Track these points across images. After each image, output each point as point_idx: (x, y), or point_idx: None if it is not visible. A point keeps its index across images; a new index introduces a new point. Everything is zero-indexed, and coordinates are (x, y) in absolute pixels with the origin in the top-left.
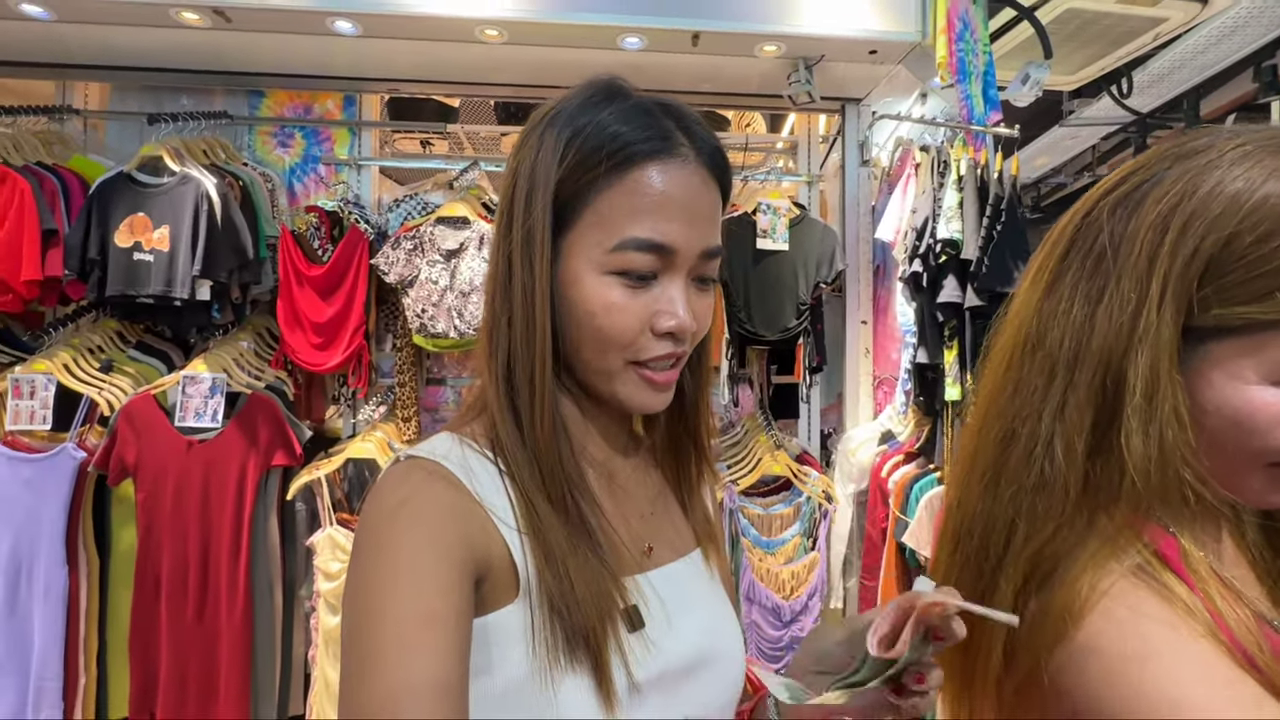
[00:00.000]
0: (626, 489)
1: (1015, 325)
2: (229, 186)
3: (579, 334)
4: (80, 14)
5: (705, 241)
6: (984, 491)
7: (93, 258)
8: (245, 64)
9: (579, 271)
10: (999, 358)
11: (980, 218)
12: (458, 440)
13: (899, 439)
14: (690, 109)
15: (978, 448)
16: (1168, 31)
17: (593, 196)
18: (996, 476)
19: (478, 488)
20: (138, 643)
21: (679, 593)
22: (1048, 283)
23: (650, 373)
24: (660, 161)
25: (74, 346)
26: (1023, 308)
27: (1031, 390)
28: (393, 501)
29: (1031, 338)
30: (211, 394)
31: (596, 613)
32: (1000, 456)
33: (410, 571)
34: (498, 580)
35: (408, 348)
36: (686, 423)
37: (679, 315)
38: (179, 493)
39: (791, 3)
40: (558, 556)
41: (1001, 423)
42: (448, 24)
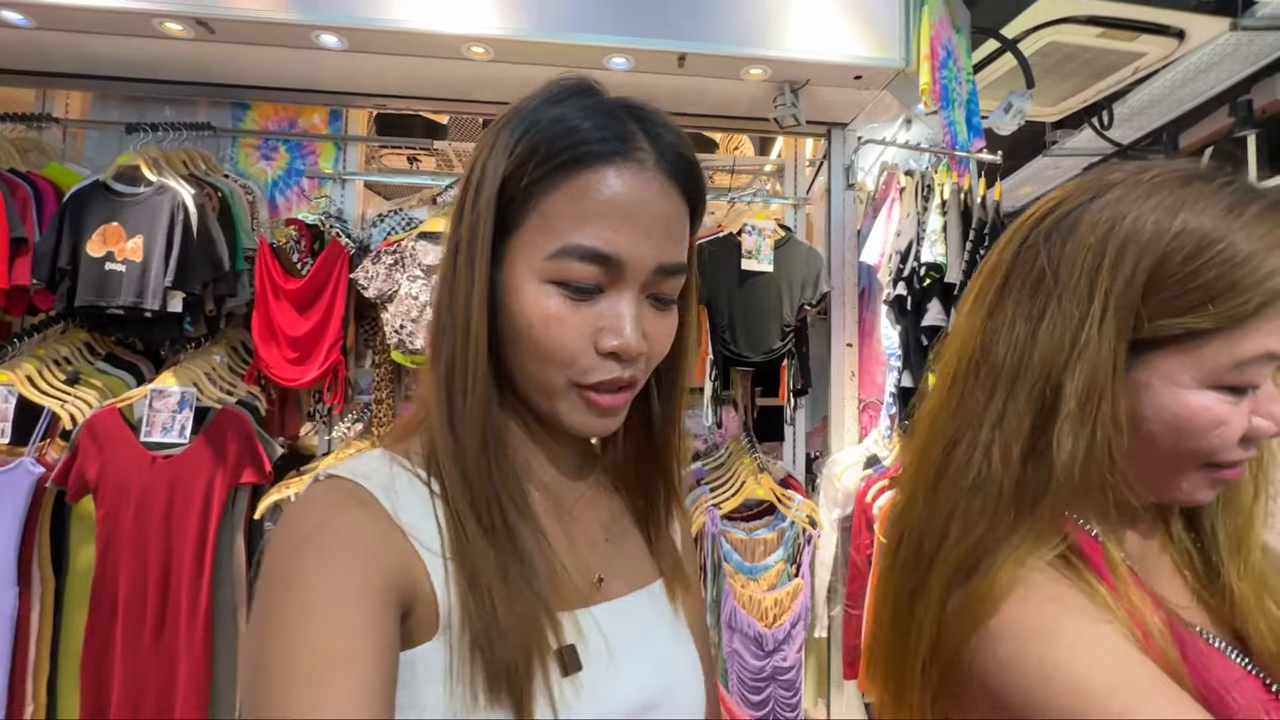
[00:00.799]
0: (576, 514)
1: (958, 346)
2: (207, 197)
3: (519, 346)
4: (60, 21)
5: (661, 256)
6: (925, 497)
7: (63, 267)
8: (231, 76)
9: (519, 278)
10: (943, 376)
11: (963, 241)
12: (388, 458)
13: (884, 464)
14: (664, 113)
15: (922, 459)
16: (1146, 66)
17: (539, 197)
18: (936, 482)
19: (400, 511)
20: (90, 668)
21: (629, 629)
22: (990, 305)
23: (594, 395)
24: (613, 164)
25: (39, 357)
26: (964, 329)
27: (974, 403)
28: (305, 528)
29: (975, 355)
30: (180, 408)
31: (522, 650)
32: (942, 463)
33: (323, 606)
34: (422, 613)
35: (386, 364)
36: (655, 456)
37: (624, 334)
38: (141, 510)
39: (777, 27)
40: (483, 585)
41: (945, 434)
42: (434, 40)
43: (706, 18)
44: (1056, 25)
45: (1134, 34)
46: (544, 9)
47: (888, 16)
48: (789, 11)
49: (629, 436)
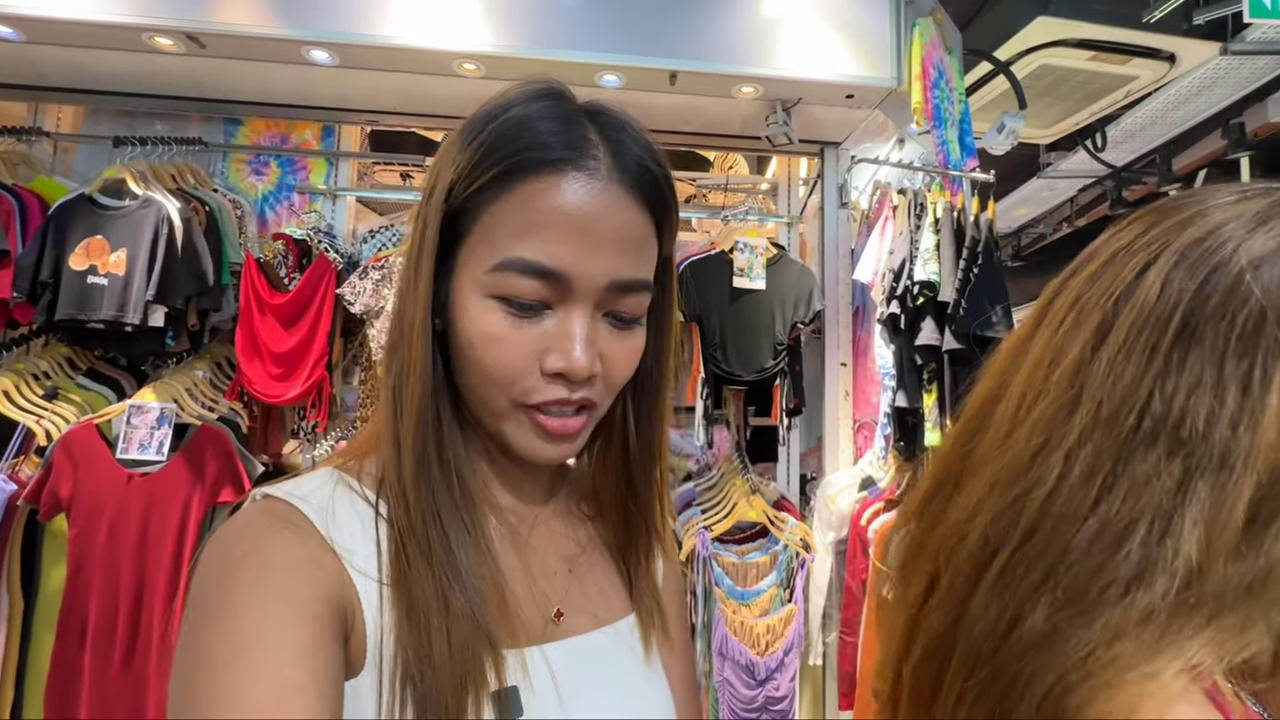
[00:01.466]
0: (535, 543)
1: (1103, 400)
2: (194, 211)
3: (463, 365)
4: (50, 35)
5: (615, 271)
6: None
7: (44, 280)
8: (223, 91)
9: (463, 292)
10: (1067, 440)
11: (957, 260)
12: (334, 477)
13: (879, 485)
14: (630, 120)
15: (1047, 539)
16: (1138, 89)
17: (484, 205)
18: (1081, 587)
19: (335, 533)
20: (55, 693)
21: (586, 670)
22: (1165, 356)
23: (544, 418)
24: (561, 172)
25: (18, 372)
26: (1116, 382)
27: (1156, 484)
28: (235, 554)
29: (1154, 419)
30: (159, 424)
31: (455, 689)
32: (1107, 562)
33: (258, 636)
34: (355, 641)
35: (373, 381)
36: (634, 491)
37: (571, 355)
38: (114, 529)
39: (769, 45)
40: (419, 614)
41: (1108, 519)
42: (425, 56)
43: (699, 36)
44: (1048, 48)
45: (1125, 58)
46: (536, 26)
47: (879, 36)
48: (781, 30)
49: (603, 467)
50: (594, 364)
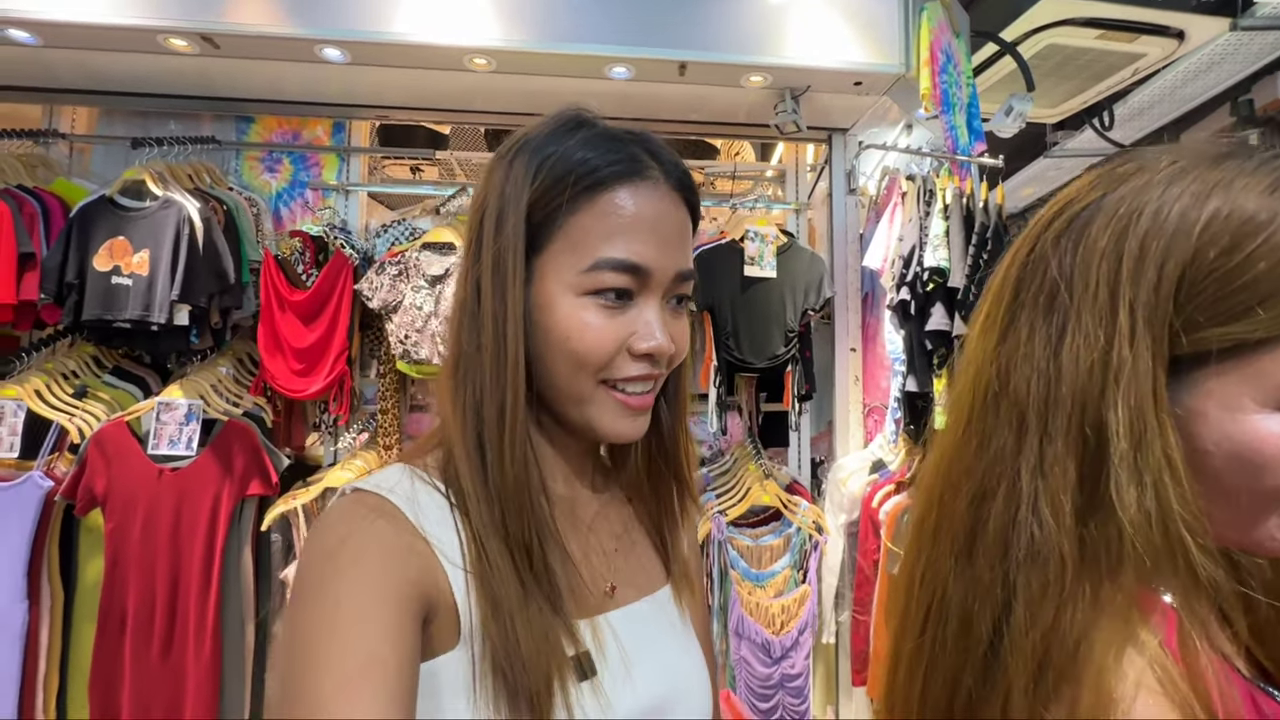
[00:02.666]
0: (590, 525)
1: (971, 375)
2: (212, 210)
3: (552, 358)
4: (67, 40)
5: (679, 263)
6: (957, 564)
7: (70, 281)
8: (235, 90)
9: (553, 295)
10: (957, 411)
11: (966, 245)
12: (409, 472)
13: (890, 468)
14: (656, 136)
15: (942, 513)
16: (1146, 67)
17: (564, 220)
18: (971, 545)
19: (424, 522)
20: (99, 682)
21: (640, 634)
22: (1002, 326)
23: (624, 395)
24: (630, 184)
25: (47, 372)
26: (977, 355)
27: (1001, 445)
28: (333, 540)
29: (992, 386)
30: (187, 421)
31: (542, 669)
32: (974, 522)
33: (351, 614)
34: (443, 622)
35: (391, 374)
36: (665, 454)
37: (657, 336)
38: (148, 523)
39: (777, 34)
40: (505, 608)
41: (970, 482)
42: (437, 52)
43: (707, 26)
44: (1055, 28)
45: (1133, 35)
46: (545, 20)
47: (888, 22)
48: (789, 19)
49: (643, 444)
50: (672, 343)
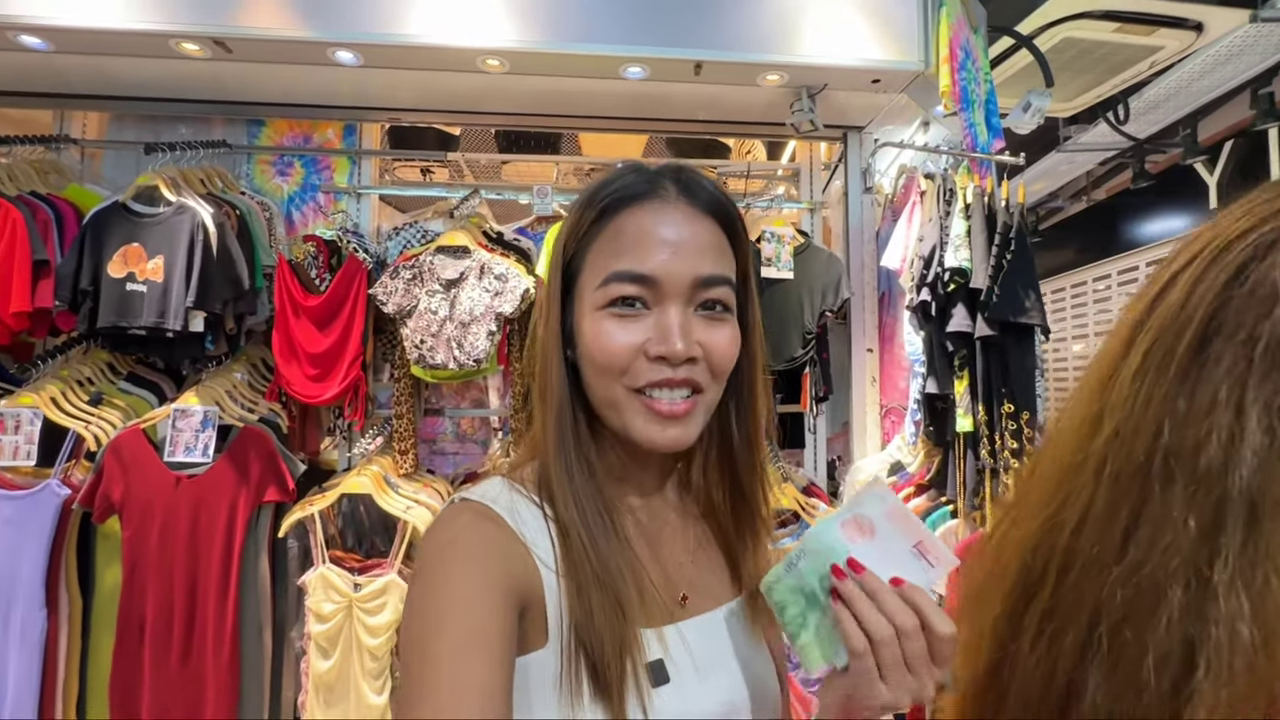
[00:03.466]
0: (665, 538)
1: (1116, 425)
2: (225, 216)
3: (589, 373)
4: (79, 45)
5: (696, 269)
6: (1092, 668)
7: (84, 288)
8: (245, 94)
9: (581, 316)
10: (1089, 469)
11: (989, 246)
12: (507, 485)
13: (909, 470)
14: (689, 165)
15: (1062, 597)
16: (1163, 60)
17: (587, 249)
18: (1112, 651)
19: (522, 529)
20: (118, 689)
21: (712, 644)
22: (1178, 376)
23: (653, 401)
24: (637, 204)
25: (63, 379)
26: (1128, 403)
27: (1176, 536)
28: (445, 538)
29: (1165, 455)
30: (203, 427)
31: (620, 673)
32: (1121, 622)
33: (463, 596)
34: (535, 618)
35: (406, 379)
36: (738, 481)
37: (669, 340)
38: (166, 530)
39: (794, 32)
40: (585, 600)
41: (1118, 569)
42: (449, 54)
43: (723, 25)
44: (1071, 21)
45: (1151, 28)
46: (558, 20)
47: (906, 19)
48: (806, 16)
49: (711, 464)
50: (691, 347)
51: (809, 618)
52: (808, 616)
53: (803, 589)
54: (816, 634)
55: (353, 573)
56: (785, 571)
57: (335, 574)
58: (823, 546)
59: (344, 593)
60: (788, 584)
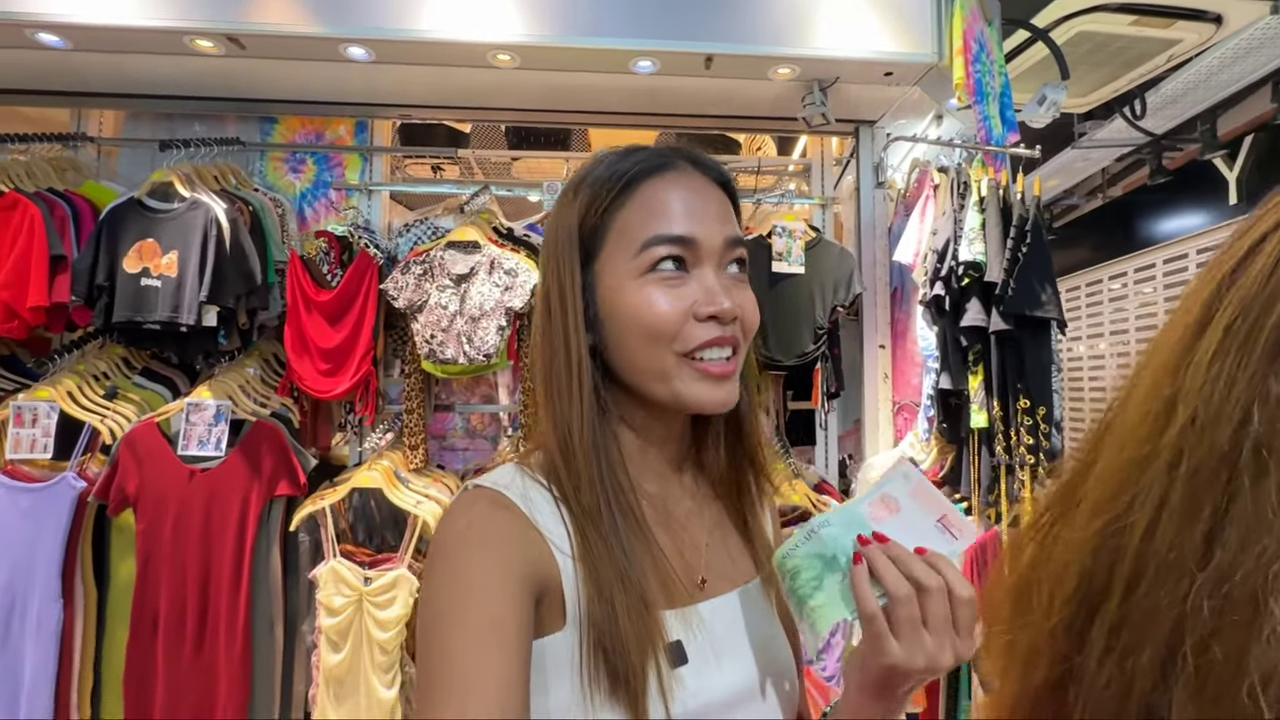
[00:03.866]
0: (682, 521)
1: (1199, 409)
2: (239, 212)
3: (631, 342)
4: (95, 43)
5: (726, 231)
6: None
7: (100, 283)
8: (258, 90)
9: (618, 286)
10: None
11: (1004, 239)
12: (519, 471)
13: (922, 467)
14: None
15: (1156, 594)
16: (1181, 53)
17: (611, 220)
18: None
19: (536, 515)
20: (133, 681)
21: (730, 625)
22: (1266, 353)
23: (704, 364)
24: (660, 174)
25: (79, 373)
26: (1210, 386)
27: (1272, 531)
28: (460, 525)
29: (1257, 440)
30: (215, 421)
31: (638, 650)
32: (1215, 624)
33: (480, 585)
34: (552, 603)
35: (416, 374)
36: (740, 434)
37: (718, 300)
38: (179, 523)
39: (806, 25)
40: (607, 596)
41: (1201, 574)
42: (460, 49)
43: (734, 17)
44: (1087, 14)
45: (1169, 20)
46: (569, 14)
47: (919, 11)
48: (818, 8)
49: (721, 433)
50: (736, 307)
51: (825, 580)
52: (824, 579)
53: (822, 555)
54: (830, 595)
55: (363, 567)
56: (804, 539)
57: (346, 568)
58: (848, 520)
59: (354, 587)
60: (805, 550)
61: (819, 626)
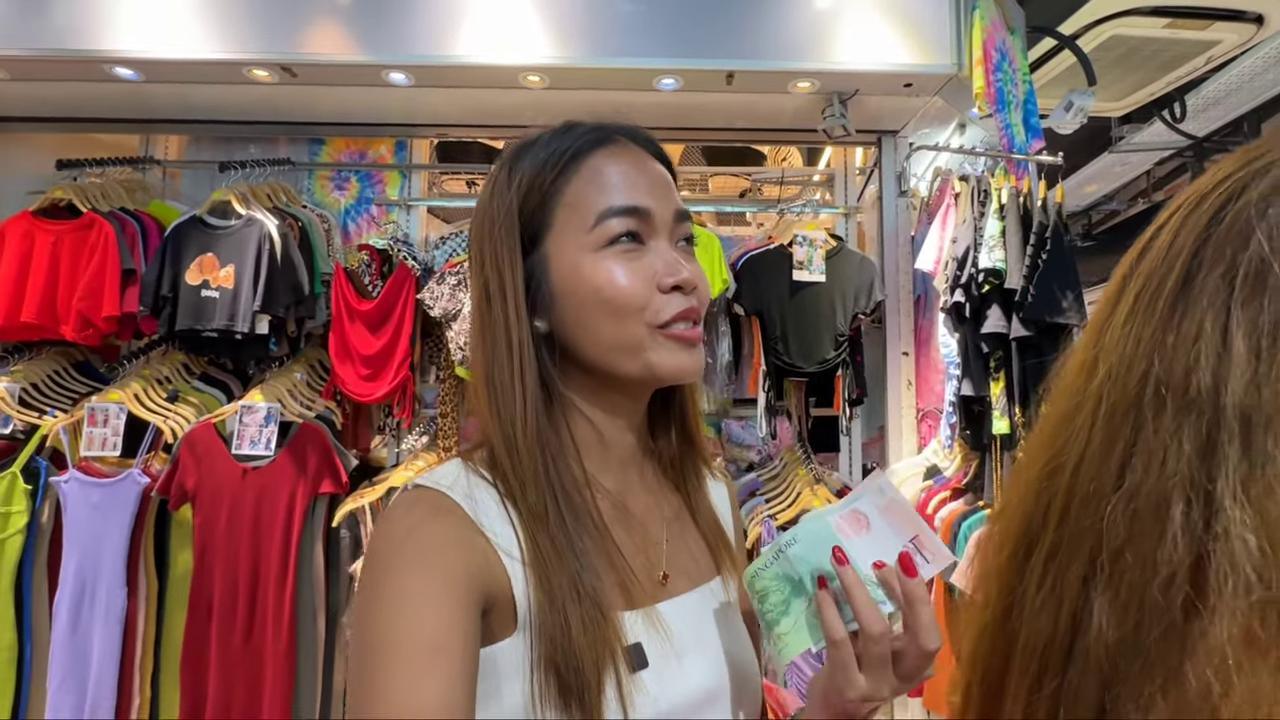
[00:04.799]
0: (640, 518)
1: (1108, 367)
2: (289, 227)
3: (595, 319)
4: (164, 75)
5: (673, 204)
6: (1097, 592)
7: (165, 295)
8: (308, 114)
9: (574, 263)
10: (1086, 410)
11: (1024, 246)
12: (464, 468)
13: (945, 474)
14: (625, 121)
15: (1067, 534)
16: (1221, 54)
17: (558, 197)
18: (1114, 577)
19: (481, 518)
20: (188, 664)
21: (692, 624)
22: (1165, 312)
23: (678, 330)
24: (604, 148)
25: (144, 377)
26: (1118, 344)
27: (1177, 460)
28: (400, 531)
29: (1157, 384)
30: (266, 423)
31: (593, 663)
32: (1128, 545)
33: (417, 601)
34: (502, 611)
35: (450, 379)
36: (678, 415)
37: (679, 270)
38: (232, 518)
39: (825, 39)
40: (558, 600)
41: (1117, 498)
42: (493, 72)
43: (754, 34)
44: (1118, 19)
45: (1206, 22)
46: (595, 36)
47: (938, 22)
48: (837, 22)
49: (669, 413)
50: (694, 275)
51: (792, 604)
52: (791, 603)
53: (790, 576)
54: (796, 622)
55: None
56: (773, 559)
57: None
58: (815, 537)
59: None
60: (774, 571)
61: (784, 655)
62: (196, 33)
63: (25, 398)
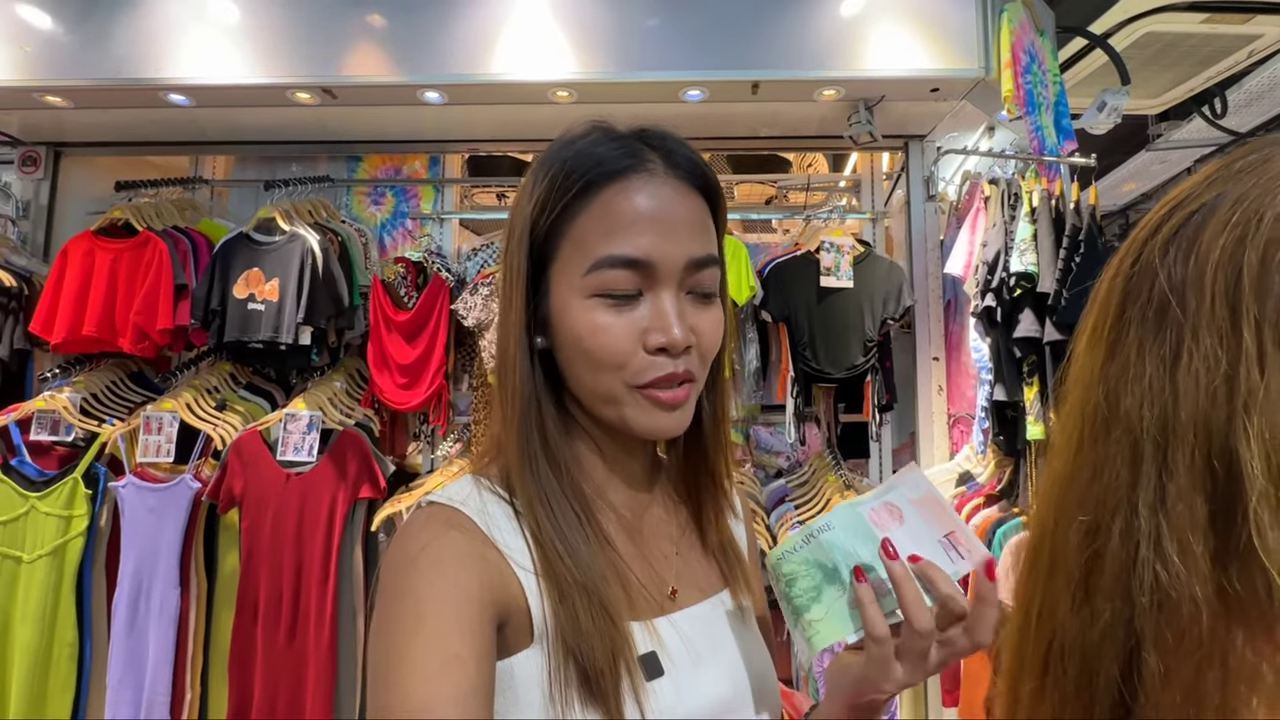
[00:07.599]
0: (648, 531)
1: (1079, 394)
2: (329, 242)
3: (577, 363)
4: (215, 99)
5: (689, 252)
6: (1074, 602)
7: (214, 308)
8: (346, 133)
9: (564, 300)
10: (1066, 433)
11: (1056, 249)
12: (476, 483)
13: (978, 480)
14: (670, 131)
15: (1055, 546)
16: (1263, 48)
17: (567, 225)
18: (1087, 582)
19: (494, 532)
20: (236, 663)
21: (704, 635)
22: (1109, 343)
23: (655, 392)
24: (626, 179)
25: (195, 387)
26: (1084, 374)
27: (1114, 475)
28: (414, 548)
29: (1100, 409)
30: (308, 430)
31: (612, 667)
32: (1089, 558)
33: (433, 615)
34: (518, 624)
35: (483, 387)
36: (702, 451)
37: (670, 331)
38: (277, 522)
39: (850, 46)
40: (567, 600)
41: (1083, 514)
42: (523, 88)
43: (779, 44)
44: (1153, 15)
45: (1246, 15)
46: (622, 50)
47: (964, 26)
48: (862, 29)
49: (687, 443)
50: (688, 336)
51: (824, 592)
52: (823, 590)
53: (822, 563)
54: (829, 610)
55: None
56: (802, 543)
57: None
58: (849, 526)
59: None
60: (803, 555)
61: (815, 643)
62: (243, 60)
63: (86, 407)
